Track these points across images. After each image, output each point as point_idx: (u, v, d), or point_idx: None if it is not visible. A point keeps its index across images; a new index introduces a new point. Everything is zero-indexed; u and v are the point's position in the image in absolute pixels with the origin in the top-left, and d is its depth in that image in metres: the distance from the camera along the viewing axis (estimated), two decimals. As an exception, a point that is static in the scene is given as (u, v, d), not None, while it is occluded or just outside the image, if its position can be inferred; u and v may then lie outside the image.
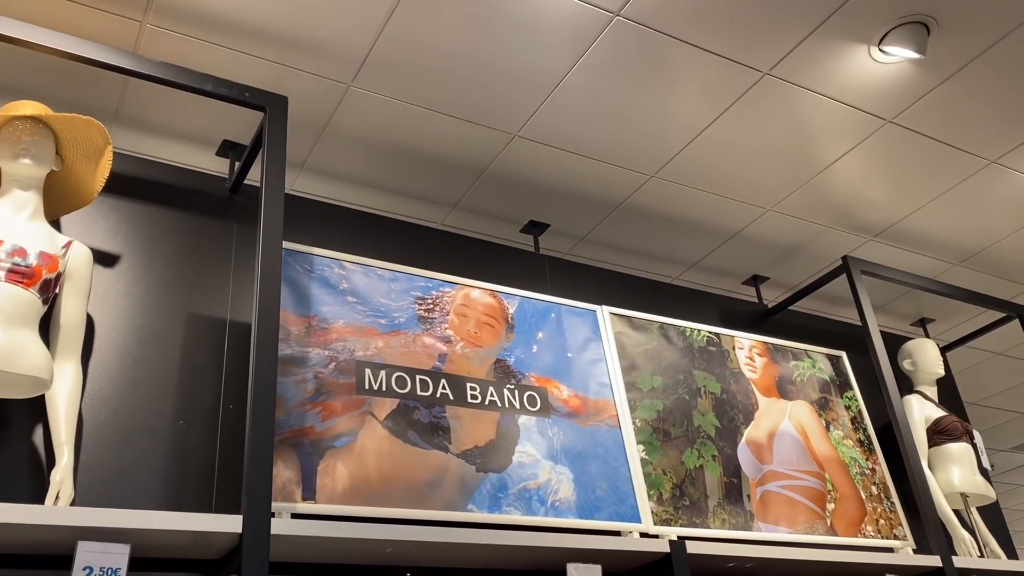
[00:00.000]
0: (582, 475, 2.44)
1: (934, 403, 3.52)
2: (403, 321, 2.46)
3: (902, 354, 3.69)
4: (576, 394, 2.60)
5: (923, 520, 2.87)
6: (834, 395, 3.17)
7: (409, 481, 2.17)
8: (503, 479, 2.31)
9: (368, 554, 2.04)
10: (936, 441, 3.37)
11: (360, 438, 2.18)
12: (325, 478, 2.06)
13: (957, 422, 3.41)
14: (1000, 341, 4.72)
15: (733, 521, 2.61)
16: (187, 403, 2.26)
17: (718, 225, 3.49)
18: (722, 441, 2.77)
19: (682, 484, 2.60)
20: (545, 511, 2.31)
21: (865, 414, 3.19)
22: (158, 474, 2.14)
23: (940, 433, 3.37)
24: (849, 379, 3.26)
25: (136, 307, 2.31)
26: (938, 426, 3.39)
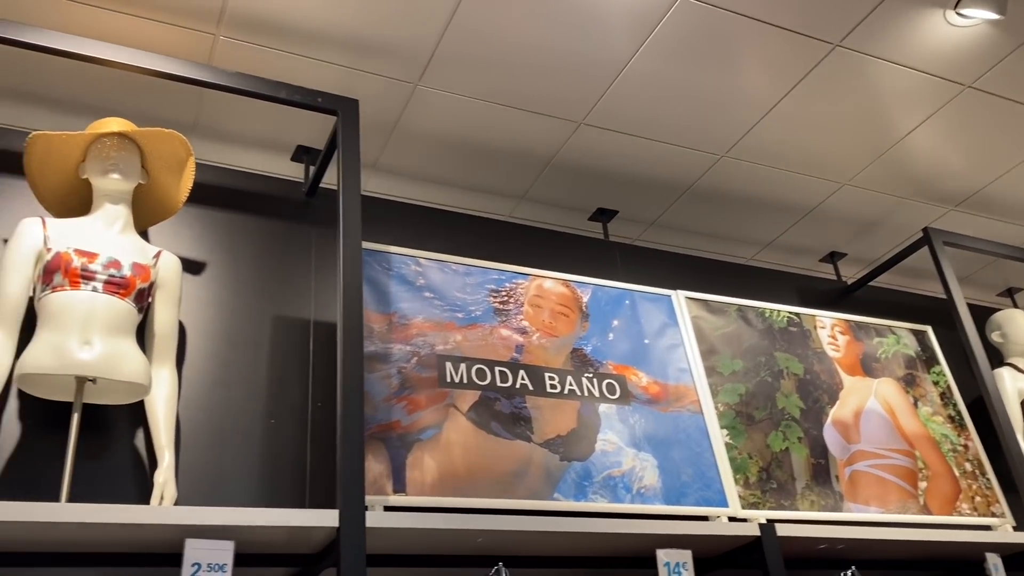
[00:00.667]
0: (666, 461, 2.43)
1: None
2: (479, 314, 2.49)
3: (990, 326, 3.57)
4: (655, 381, 2.59)
5: (1022, 497, 2.78)
6: (921, 371, 3.08)
7: (495, 472, 2.19)
8: (587, 467, 2.32)
9: (459, 544, 2.07)
10: (1032, 414, 3.25)
11: (445, 430, 2.21)
12: (414, 471, 2.10)
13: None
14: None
15: (822, 503, 2.57)
16: (276, 402, 2.32)
17: (792, 202, 3.43)
18: (807, 422, 2.73)
19: (768, 467, 2.56)
20: (631, 498, 2.31)
21: (955, 389, 3.10)
22: (253, 472, 2.20)
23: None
24: (936, 354, 3.17)
25: (223, 312, 2.38)
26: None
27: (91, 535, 1.69)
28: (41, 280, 1.94)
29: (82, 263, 1.94)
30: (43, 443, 2.00)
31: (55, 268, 1.92)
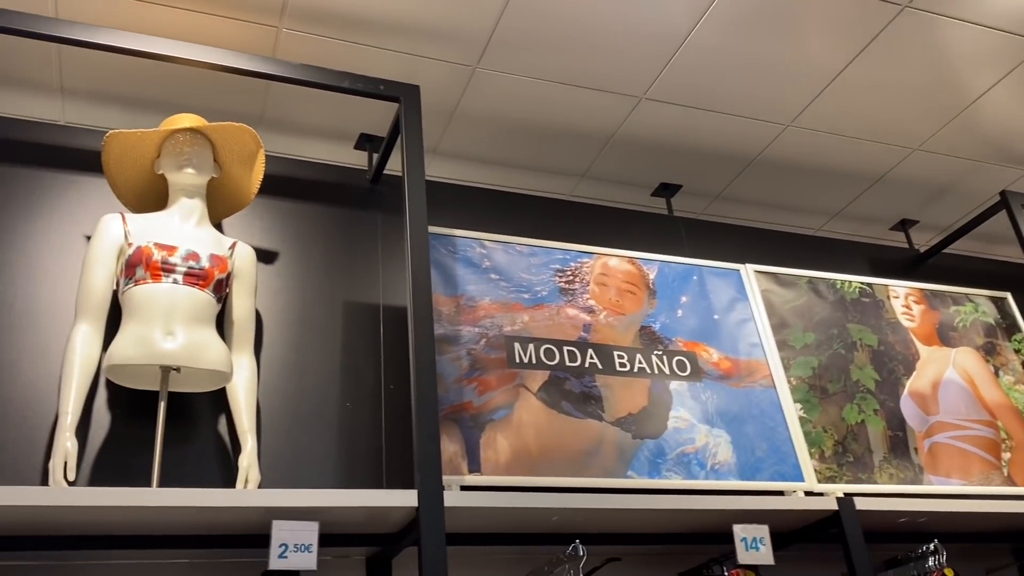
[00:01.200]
0: (740, 437, 2.41)
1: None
2: (545, 294, 2.49)
3: (1074, 291, 3.44)
4: (726, 356, 2.57)
5: (1113, 466, 2.68)
6: (1001, 339, 2.99)
7: (567, 451, 2.20)
8: (660, 445, 2.31)
9: (535, 522, 2.09)
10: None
11: (516, 410, 2.23)
12: (488, 450, 2.13)
13: None
14: None
15: (901, 475, 2.52)
16: (351, 386, 2.37)
17: (861, 170, 3.34)
18: (883, 394, 2.67)
19: (844, 440, 2.52)
20: (705, 474, 2.30)
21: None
22: (331, 455, 2.26)
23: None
24: (1016, 321, 3.07)
25: (296, 300, 2.43)
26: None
27: (181, 518, 1.75)
28: (124, 274, 2.01)
29: (162, 256, 2.00)
30: (132, 431, 2.08)
31: (137, 262, 1.99)
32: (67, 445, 1.82)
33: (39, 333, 2.13)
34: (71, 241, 2.27)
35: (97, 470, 2.01)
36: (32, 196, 2.30)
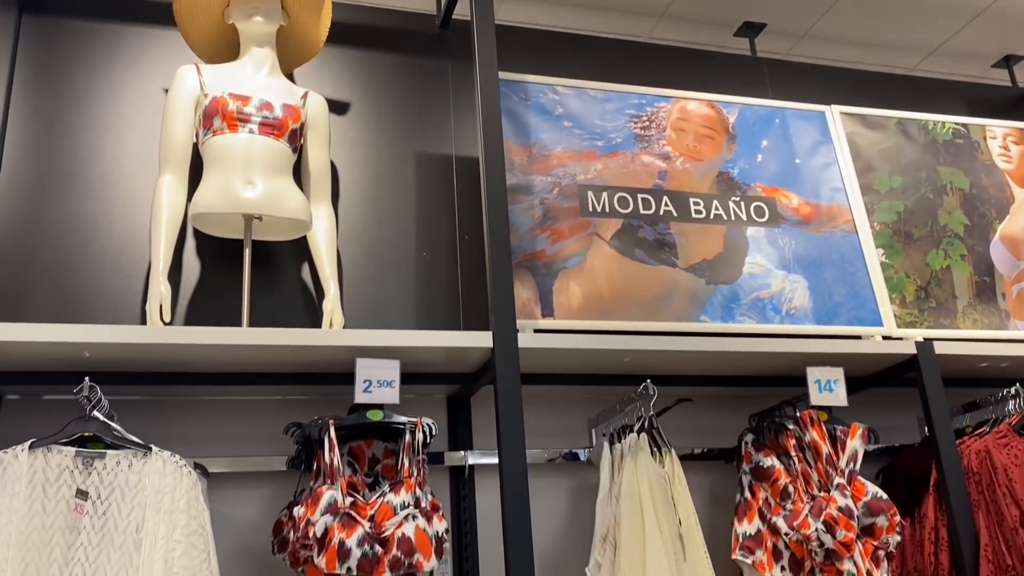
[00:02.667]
0: (817, 282, 2.38)
1: None
2: (620, 141, 2.44)
3: None
4: (807, 201, 2.50)
5: None
6: (1107, 181, 2.82)
7: (640, 296, 2.22)
8: (734, 290, 2.30)
9: (608, 364, 2.14)
10: None
11: (589, 258, 2.24)
12: (560, 296, 2.16)
13: None
14: None
15: (986, 321, 2.46)
16: (426, 236, 2.41)
17: (961, 1, 3.09)
18: (972, 239, 2.58)
19: (927, 286, 2.46)
20: (780, 319, 2.30)
21: None
22: (409, 301, 2.33)
23: None
24: None
25: (369, 151, 2.45)
26: None
27: (270, 357, 1.85)
28: (202, 124, 2.05)
29: (237, 106, 2.03)
30: (221, 277, 2.18)
31: (213, 112, 2.02)
32: (161, 289, 1.92)
33: (127, 185, 2.21)
34: (152, 94, 2.32)
35: (190, 313, 2.13)
36: (112, 51, 2.33)
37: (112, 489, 1.57)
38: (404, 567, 1.64)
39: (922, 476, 2.30)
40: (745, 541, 2.11)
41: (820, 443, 2.09)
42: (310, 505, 1.66)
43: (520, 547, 1.73)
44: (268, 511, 2.04)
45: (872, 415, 2.60)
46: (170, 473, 1.59)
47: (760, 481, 2.17)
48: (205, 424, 2.06)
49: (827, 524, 1.96)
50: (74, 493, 1.55)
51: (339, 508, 1.65)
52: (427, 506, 1.75)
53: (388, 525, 1.66)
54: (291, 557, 1.75)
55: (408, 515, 1.69)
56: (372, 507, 1.69)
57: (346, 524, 1.63)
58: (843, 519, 1.96)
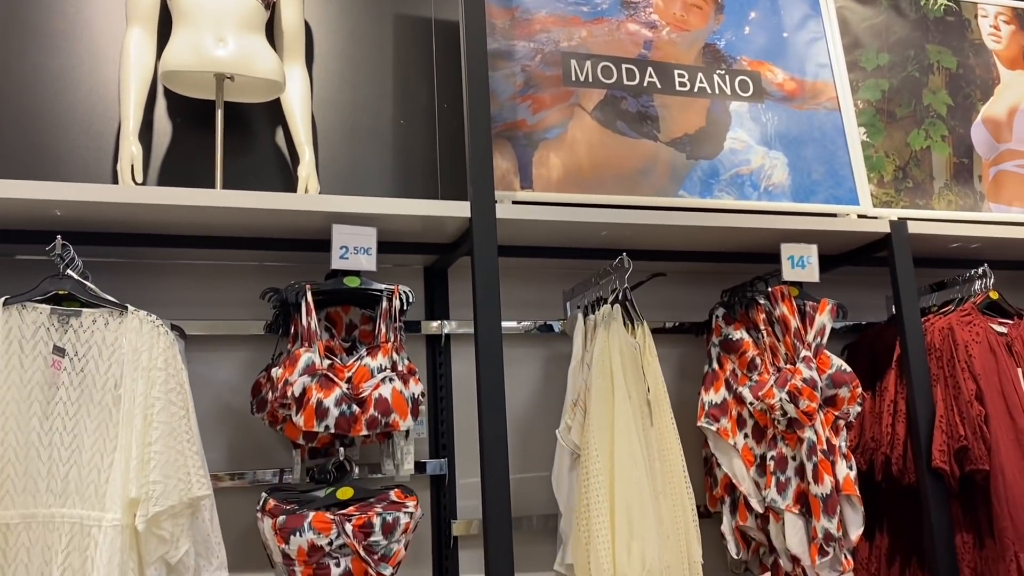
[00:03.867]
0: (797, 160, 2.37)
1: None
2: (606, 7, 2.37)
3: None
4: (792, 77, 2.46)
5: None
6: (1094, 64, 2.79)
7: (620, 169, 2.20)
8: (714, 165, 2.29)
9: (585, 237, 2.15)
10: None
11: (570, 129, 2.21)
12: (540, 168, 2.14)
13: None
14: None
15: (960, 202, 2.48)
16: (404, 103, 2.36)
17: None
18: (954, 120, 2.56)
19: (906, 166, 2.47)
20: (758, 195, 2.30)
21: None
22: (387, 169, 2.30)
23: None
24: (1116, 45, 2.84)
25: (345, 11, 2.36)
26: None
27: (245, 220, 1.84)
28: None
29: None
30: (193, 139, 2.14)
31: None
32: (132, 149, 1.88)
33: (93, 39, 2.12)
34: (113, -56, 2.20)
35: (163, 175, 2.10)
36: None
37: (89, 347, 1.58)
38: (381, 426, 1.69)
39: (886, 352, 2.37)
40: (711, 409, 2.18)
41: (789, 317, 2.14)
42: (288, 366, 1.68)
43: (493, 411, 1.78)
44: (246, 373, 2.07)
45: (843, 293, 2.66)
46: (147, 332, 1.60)
47: (728, 353, 2.23)
48: (181, 287, 2.06)
49: (791, 394, 2.03)
50: (51, 349, 1.56)
51: (317, 369, 1.67)
52: (404, 369, 1.78)
53: (365, 386, 1.69)
54: (269, 417, 1.79)
55: (385, 377, 1.72)
56: (349, 369, 1.72)
57: (324, 385, 1.67)
58: (807, 390, 2.03)
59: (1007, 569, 2.01)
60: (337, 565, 1.65)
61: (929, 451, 2.12)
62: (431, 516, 2.16)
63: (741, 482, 2.14)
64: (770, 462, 2.10)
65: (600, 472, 1.78)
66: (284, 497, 1.71)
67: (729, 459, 2.16)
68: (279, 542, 1.64)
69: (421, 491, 2.15)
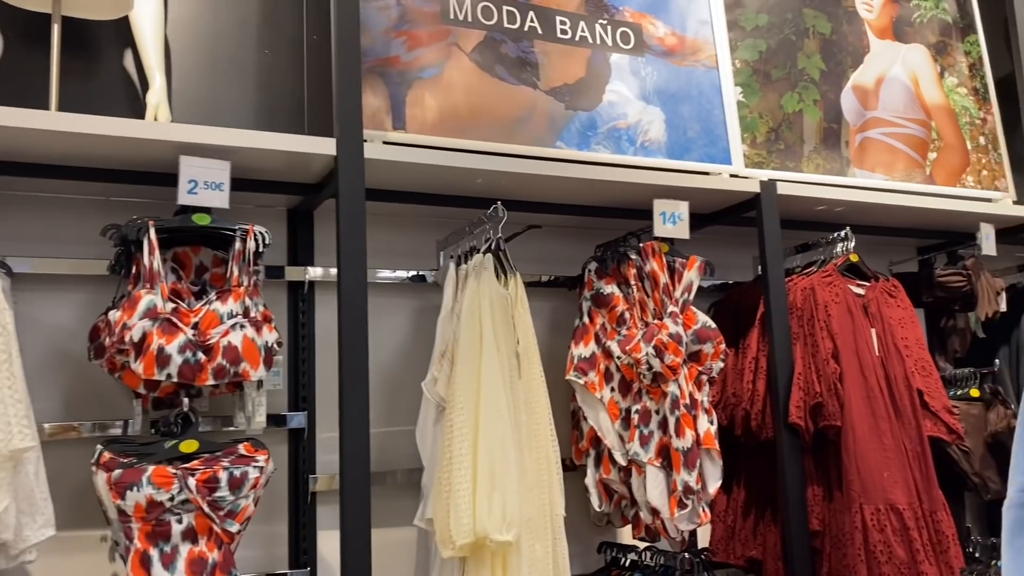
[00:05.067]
0: (674, 117, 2.36)
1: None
2: (489, -53, 2.27)
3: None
4: (673, 32, 2.44)
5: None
6: (954, 39, 2.90)
7: (497, 116, 2.13)
8: (592, 118, 2.25)
9: (459, 184, 2.07)
10: (1059, 93, 3.12)
11: (447, 70, 2.12)
12: (414, 108, 2.04)
13: (1088, 73, 3.13)
14: None
15: (828, 167, 2.54)
16: (270, 32, 2.20)
17: None
18: (826, 85, 2.62)
19: (778, 128, 2.50)
20: (634, 151, 2.28)
21: (986, 61, 2.94)
22: (248, 102, 2.15)
23: (1066, 85, 3.11)
24: (974, 21, 2.96)
25: (207, -73, 2.17)
26: (1065, 77, 3.12)
27: (85, 148, 1.67)
28: None
29: None
30: (26, 56, 1.93)
31: None
32: (-51, 62, 1.67)
33: (-94, -63, 1.87)
34: None
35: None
36: None
37: None
38: (229, 375, 1.58)
39: (750, 310, 2.42)
40: (580, 363, 2.17)
41: (659, 273, 2.14)
42: (127, 309, 1.55)
43: (354, 362, 1.70)
44: (86, 317, 1.91)
45: (712, 252, 2.69)
46: (-40, 267, 1.43)
47: (599, 307, 2.21)
48: (12, 219, 1.87)
49: (657, 349, 2.04)
50: None
51: (159, 313, 1.54)
52: (258, 316, 1.67)
53: (213, 333, 1.58)
54: (108, 364, 1.65)
55: (236, 324, 1.61)
56: (196, 315, 1.60)
57: (166, 330, 1.54)
58: (672, 344, 2.04)
59: (852, 520, 2.09)
60: (179, 521, 1.55)
61: (787, 407, 2.18)
62: (289, 471, 2.07)
63: (606, 435, 2.14)
64: (634, 416, 2.11)
65: (464, 425, 1.74)
66: (121, 449, 1.59)
67: (595, 412, 2.16)
68: (114, 497, 1.52)
69: (279, 445, 2.06)
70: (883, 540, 2.07)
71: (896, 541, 2.07)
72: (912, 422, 2.24)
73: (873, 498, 2.10)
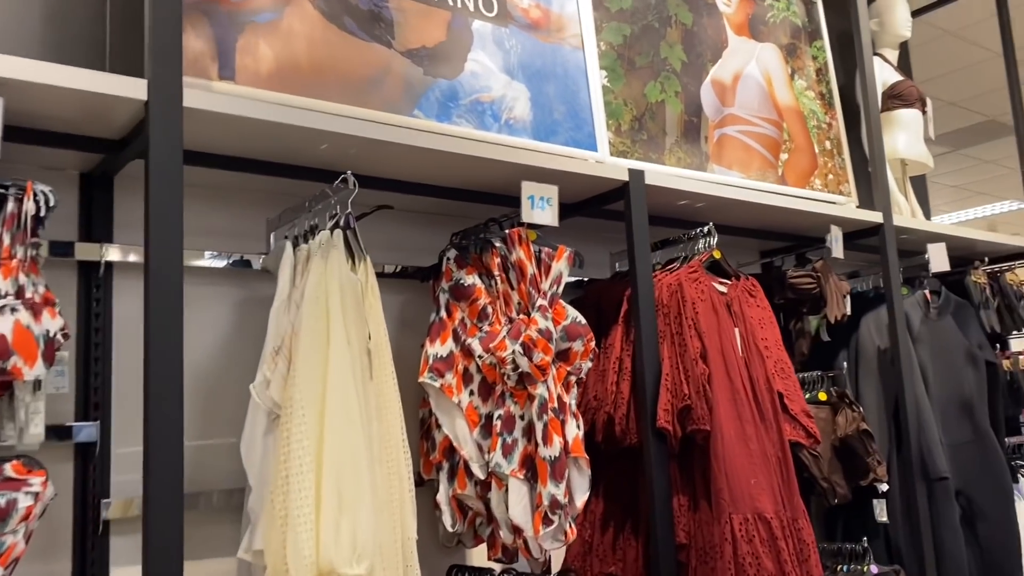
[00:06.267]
0: (539, 95, 2.16)
1: (893, 67, 3.34)
2: None
3: (870, 12, 3.42)
4: (538, 4, 2.24)
5: (872, 178, 2.80)
6: (803, 43, 2.91)
7: (346, 74, 1.83)
8: (454, 87, 2.01)
9: (299, 151, 1.76)
10: (889, 106, 3.23)
11: (286, 16, 1.79)
12: (246, 56, 1.71)
13: (913, 87, 3.26)
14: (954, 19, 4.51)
15: (689, 160, 2.44)
16: (63, -46, 1.79)
17: None
18: (687, 77, 2.52)
19: (642, 117, 2.37)
20: (499, 128, 2.05)
21: (831, 67, 2.97)
22: (31, 34, 1.73)
23: (895, 97, 3.23)
24: (820, 28, 2.99)
25: None
26: (894, 90, 3.23)
27: None
28: None
29: None
30: None
31: None
32: None
33: None
34: None
35: None
36: None
37: None
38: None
39: (612, 308, 2.26)
40: (436, 363, 1.91)
41: (526, 263, 1.92)
42: None
43: (164, 361, 1.35)
44: None
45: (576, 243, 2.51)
46: None
47: (458, 300, 1.97)
48: None
49: (525, 346, 1.82)
50: None
51: None
52: (35, 298, 1.29)
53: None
54: None
55: (5, 307, 1.23)
56: (-53, 292, 1.20)
57: (-101, 310, 1.13)
58: (542, 341, 1.83)
59: (721, 531, 1.97)
60: (-87, 572, 1.14)
61: (654, 410, 2.02)
62: (75, 496, 1.66)
63: (463, 445, 1.89)
64: (497, 422, 1.87)
65: (306, 435, 1.43)
66: None
67: (451, 419, 1.91)
68: None
69: (62, 464, 1.65)
70: (752, 552, 1.95)
71: (764, 552, 1.96)
72: (774, 426, 2.15)
73: (742, 507, 1.99)
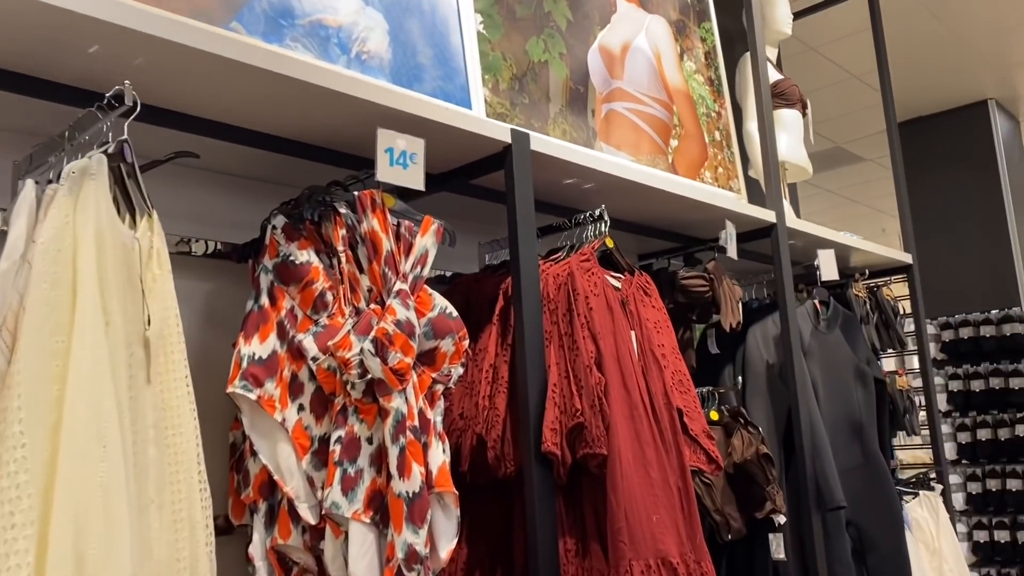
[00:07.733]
0: (400, 32, 1.71)
1: (773, 64, 3.14)
2: None
3: (751, 8, 3.21)
4: (400, -76, 1.80)
5: (765, 174, 2.53)
6: (692, 21, 2.62)
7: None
8: (288, 3, 1.52)
9: (58, 57, 1.22)
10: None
11: None
12: (-24, -94, 1.16)
13: (795, 87, 3.06)
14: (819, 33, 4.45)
15: (575, 135, 2.06)
16: None
17: None
18: (573, 38, 2.14)
19: (523, 77, 1.97)
20: (348, 62, 1.59)
21: (719, 52, 2.70)
22: None
23: (777, 96, 3.01)
24: (709, 8, 2.72)
25: None
26: (776, 88, 3.01)
27: None
28: None
29: None
30: None
31: None
32: None
33: None
34: None
35: None
36: None
37: None
38: None
39: (484, 305, 1.83)
40: (251, 367, 1.40)
41: (381, 236, 1.46)
42: None
43: None
44: None
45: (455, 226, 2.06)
46: None
47: (287, 284, 1.47)
48: None
49: (378, 344, 1.35)
50: None
51: None
52: None
53: None
54: None
55: None
56: None
57: None
58: (400, 337, 1.36)
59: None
60: None
61: (539, 430, 1.60)
62: None
63: (288, 479, 1.40)
64: (335, 447, 1.38)
65: (27, 458, 0.89)
66: None
67: (272, 444, 1.41)
68: None
69: None
70: (656, 607, 1.56)
71: (670, 607, 1.58)
72: (674, 449, 1.78)
73: (643, 551, 1.59)
